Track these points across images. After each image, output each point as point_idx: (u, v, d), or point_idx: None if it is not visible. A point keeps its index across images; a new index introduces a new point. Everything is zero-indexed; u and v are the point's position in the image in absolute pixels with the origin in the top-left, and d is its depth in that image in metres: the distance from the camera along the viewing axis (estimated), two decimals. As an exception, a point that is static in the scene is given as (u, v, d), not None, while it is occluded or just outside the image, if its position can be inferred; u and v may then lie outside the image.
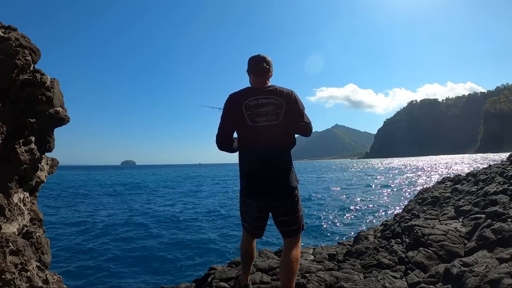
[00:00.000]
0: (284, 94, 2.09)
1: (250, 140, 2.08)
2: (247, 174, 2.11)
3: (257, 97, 2.06)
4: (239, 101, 2.07)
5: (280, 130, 2.06)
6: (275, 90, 2.10)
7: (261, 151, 2.05)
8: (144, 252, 8.42)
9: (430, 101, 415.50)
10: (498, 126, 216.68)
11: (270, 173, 2.04)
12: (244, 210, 2.22)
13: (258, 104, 2.04)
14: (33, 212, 1.98)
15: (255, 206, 2.12)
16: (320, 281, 2.49)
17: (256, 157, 2.07)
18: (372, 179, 34.54)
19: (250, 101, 2.05)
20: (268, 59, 2.19)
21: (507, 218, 2.91)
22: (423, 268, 2.65)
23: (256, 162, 2.07)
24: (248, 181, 2.10)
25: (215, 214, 14.02)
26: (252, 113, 2.03)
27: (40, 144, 1.90)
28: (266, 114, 2.03)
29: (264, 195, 2.07)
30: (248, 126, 2.04)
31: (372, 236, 4.00)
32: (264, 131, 2.03)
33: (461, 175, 7.04)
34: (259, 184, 2.06)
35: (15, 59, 1.62)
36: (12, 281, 1.45)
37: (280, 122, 2.05)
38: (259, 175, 2.05)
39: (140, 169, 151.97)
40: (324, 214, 13.40)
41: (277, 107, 2.05)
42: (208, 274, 3.05)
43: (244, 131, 2.09)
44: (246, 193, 2.13)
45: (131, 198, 21.70)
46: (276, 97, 2.07)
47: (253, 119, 2.03)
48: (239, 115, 2.05)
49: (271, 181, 2.04)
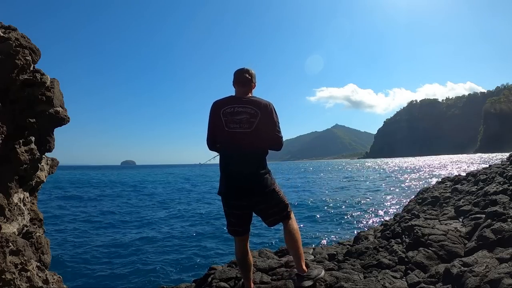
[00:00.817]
0: (262, 105, 2.24)
1: (225, 144, 2.28)
2: (224, 175, 2.27)
3: (234, 105, 2.24)
4: (219, 108, 2.27)
5: (252, 138, 2.20)
6: (253, 101, 2.26)
7: (236, 155, 2.22)
8: (144, 252, 8.42)
9: (430, 101, 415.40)
10: (498, 126, 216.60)
11: (243, 179, 2.20)
12: (225, 212, 2.34)
13: (234, 112, 2.22)
14: (33, 212, 1.98)
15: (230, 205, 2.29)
16: (320, 281, 2.49)
17: (231, 160, 2.24)
18: (372, 179, 34.54)
19: (227, 108, 2.24)
20: (251, 71, 2.39)
21: (507, 218, 2.91)
22: (423, 268, 2.65)
23: (231, 165, 2.24)
24: (225, 182, 2.26)
25: (215, 214, 14.02)
26: (227, 119, 2.22)
27: (40, 144, 1.90)
28: (240, 121, 2.20)
29: (245, 194, 2.22)
30: (224, 131, 2.23)
31: (372, 236, 4.00)
32: (237, 137, 2.20)
33: (461, 175, 7.04)
34: (233, 187, 2.22)
35: (15, 59, 1.62)
36: (12, 281, 1.45)
37: (252, 130, 2.19)
38: (234, 178, 2.22)
39: (140, 169, 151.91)
40: (324, 214, 13.40)
41: (251, 116, 2.20)
42: (208, 274, 3.05)
43: (221, 135, 2.28)
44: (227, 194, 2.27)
45: (131, 198, 21.70)
46: (253, 107, 2.22)
47: (229, 125, 2.21)
48: (218, 120, 2.25)
49: (245, 186, 2.20)
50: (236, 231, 2.34)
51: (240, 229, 2.33)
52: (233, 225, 2.32)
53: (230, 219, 2.32)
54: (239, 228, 2.33)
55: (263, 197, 2.24)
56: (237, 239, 2.36)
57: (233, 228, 2.34)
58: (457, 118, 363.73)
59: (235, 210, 2.28)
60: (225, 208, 2.32)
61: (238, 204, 2.26)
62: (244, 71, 2.37)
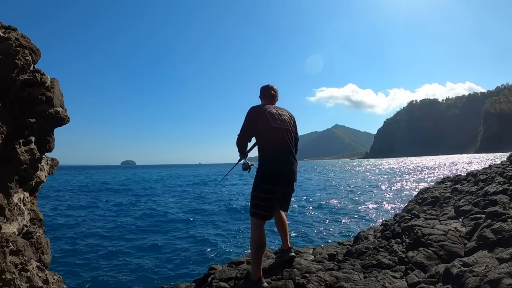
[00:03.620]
0: (291, 114, 2.85)
1: (272, 138, 2.61)
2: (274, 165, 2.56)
3: (276, 108, 2.75)
4: (264, 110, 2.67)
5: (293, 134, 2.75)
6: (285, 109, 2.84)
7: (283, 148, 2.61)
8: (144, 252, 8.43)
9: (430, 101, 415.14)
10: (498, 126, 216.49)
11: (291, 165, 2.61)
12: (262, 198, 2.54)
13: (278, 113, 2.70)
14: (33, 212, 1.98)
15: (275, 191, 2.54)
16: (320, 281, 2.49)
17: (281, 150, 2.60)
18: (372, 179, 34.54)
19: (271, 109, 2.69)
20: (275, 88, 2.93)
21: (507, 218, 2.91)
22: (423, 268, 2.64)
23: (280, 155, 2.59)
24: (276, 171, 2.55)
25: (214, 214, 14.02)
26: (273, 118, 2.63)
27: (40, 144, 1.90)
28: (283, 120, 2.68)
29: (288, 181, 2.62)
30: (272, 127, 2.60)
31: (372, 236, 4.00)
32: (284, 132, 2.63)
33: (461, 175, 7.03)
34: (284, 174, 2.57)
35: (15, 59, 1.62)
36: (12, 281, 1.45)
37: (292, 128, 2.74)
38: (284, 166, 2.57)
39: (140, 169, 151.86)
40: (324, 214, 13.40)
41: (290, 117, 2.78)
42: (208, 274, 3.05)
43: (268, 130, 2.61)
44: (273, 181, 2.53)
45: (130, 198, 21.70)
46: (288, 111, 2.83)
47: (276, 121, 2.62)
48: (264, 119, 2.61)
49: (293, 171, 2.62)
50: (269, 216, 2.61)
51: (271, 213, 2.64)
52: (269, 209, 2.57)
53: (270, 204, 2.56)
54: (272, 213, 2.63)
55: (293, 185, 2.71)
56: (263, 225, 2.59)
57: (268, 213, 2.58)
58: (457, 118, 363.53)
59: (276, 195, 2.55)
60: (268, 196, 2.52)
61: (282, 190, 2.60)
62: (270, 88, 2.90)
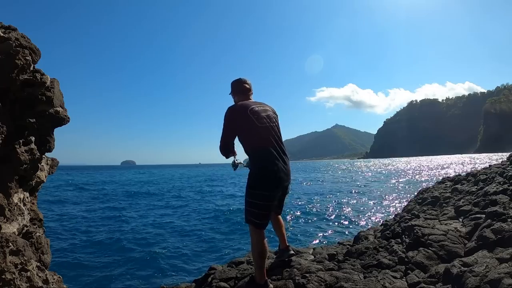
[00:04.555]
0: (273, 108, 2.60)
1: (260, 140, 2.36)
2: (269, 169, 2.31)
3: (257, 105, 2.45)
4: (245, 108, 2.38)
5: (279, 132, 2.48)
6: (265, 103, 2.57)
7: (274, 149, 2.36)
8: (144, 252, 8.42)
9: (430, 101, 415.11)
10: (498, 126, 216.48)
11: (285, 166, 2.38)
12: (258, 205, 2.32)
13: (261, 109, 2.43)
14: (33, 212, 1.98)
15: (273, 197, 2.34)
16: (320, 281, 2.49)
17: (271, 152, 2.34)
18: (372, 179, 34.53)
19: (254, 107, 2.40)
20: (248, 81, 2.64)
21: (507, 218, 2.91)
22: (423, 268, 2.64)
23: (272, 157, 2.33)
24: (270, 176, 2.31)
25: (214, 214, 14.02)
26: (257, 116, 2.37)
27: (40, 144, 1.90)
28: (268, 117, 2.43)
29: (284, 185, 2.40)
30: (256, 127, 2.35)
31: (372, 236, 4.00)
32: (270, 131, 2.40)
33: (461, 175, 7.03)
34: (280, 177, 2.32)
35: (15, 59, 1.62)
36: (12, 281, 1.45)
37: (277, 125, 2.50)
38: (278, 169, 2.32)
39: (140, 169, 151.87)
40: (324, 214, 13.40)
41: (273, 112, 2.55)
42: (208, 274, 3.05)
43: (253, 132, 2.36)
44: (268, 187, 2.31)
45: (129, 199, 21.69)
46: (270, 106, 2.58)
47: (260, 120, 2.37)
48: (246, 119, 2.34)
49: (288, 172, 2.41)
50: (266, 224, 2.39)
51: (268, 220, 2.41)
52: (267, 217, 2.36)
53: (267, 212, 2.34)
54: (268, 220, 2.40)
55: (289, 186, 2.52)
56: (263, 231, 2.40)
57: (265, 222, 2.37)
58: (457, 118, 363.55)
59: (273, 201, 2.36)
60: (266, 202, 2.31)
61: (279, 194, 2.40)
62: (243, 81, 2.62)
